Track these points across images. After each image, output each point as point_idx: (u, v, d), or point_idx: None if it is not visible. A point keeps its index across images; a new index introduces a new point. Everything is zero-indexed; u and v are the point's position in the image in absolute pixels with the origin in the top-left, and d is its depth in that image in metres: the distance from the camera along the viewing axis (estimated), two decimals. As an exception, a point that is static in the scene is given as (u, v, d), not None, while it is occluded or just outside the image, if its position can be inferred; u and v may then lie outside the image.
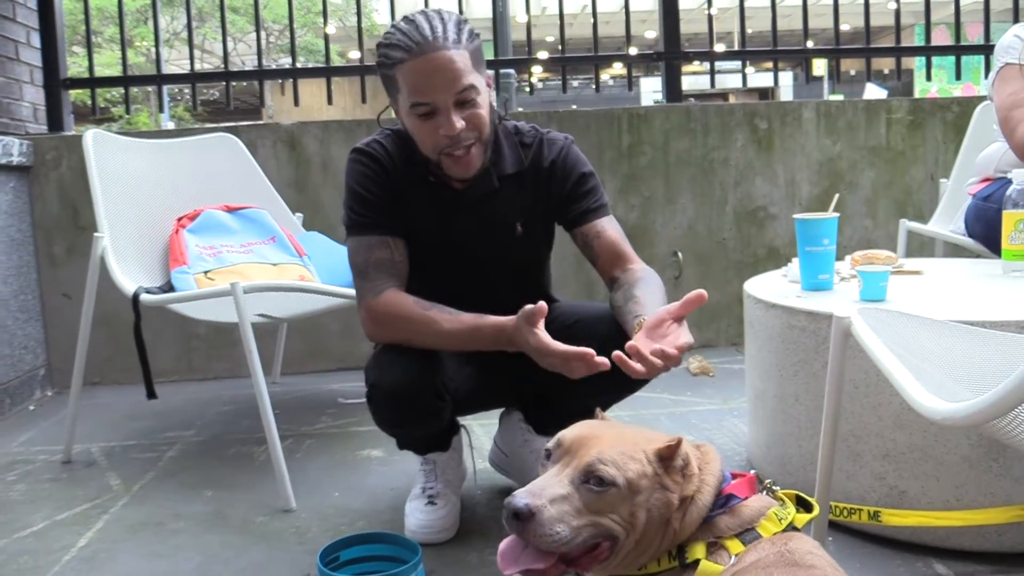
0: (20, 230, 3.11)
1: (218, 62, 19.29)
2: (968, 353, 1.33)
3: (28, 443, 2.60)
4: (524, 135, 1.79)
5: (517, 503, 1.11)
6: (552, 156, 1.77)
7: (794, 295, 1.90)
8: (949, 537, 1.61)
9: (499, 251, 1.78)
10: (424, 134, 1.63)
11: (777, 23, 3.74)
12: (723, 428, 2.44)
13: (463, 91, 1.59)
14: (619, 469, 1.14)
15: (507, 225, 1.77)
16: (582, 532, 1.13)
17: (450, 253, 1.77)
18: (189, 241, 2.39)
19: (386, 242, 1.69)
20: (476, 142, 1.64)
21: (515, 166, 1.76)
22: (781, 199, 3.47)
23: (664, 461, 1.18)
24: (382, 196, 1.70)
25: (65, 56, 3.53)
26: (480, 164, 1.67)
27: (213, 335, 3.28)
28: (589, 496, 1.14)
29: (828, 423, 1.46)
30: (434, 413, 1.68)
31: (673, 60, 3.55)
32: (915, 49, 4.10)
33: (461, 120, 1.60)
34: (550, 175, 1.77)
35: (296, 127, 3.31)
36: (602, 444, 1.18)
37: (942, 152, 3.51)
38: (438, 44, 1.57)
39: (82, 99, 3.57)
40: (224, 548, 1.80)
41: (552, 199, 1.78)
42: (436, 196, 1.74)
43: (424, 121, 1.61)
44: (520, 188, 1.77)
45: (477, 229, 1.75)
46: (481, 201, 1.74)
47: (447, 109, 1.59)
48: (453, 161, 1.64)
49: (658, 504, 1.15)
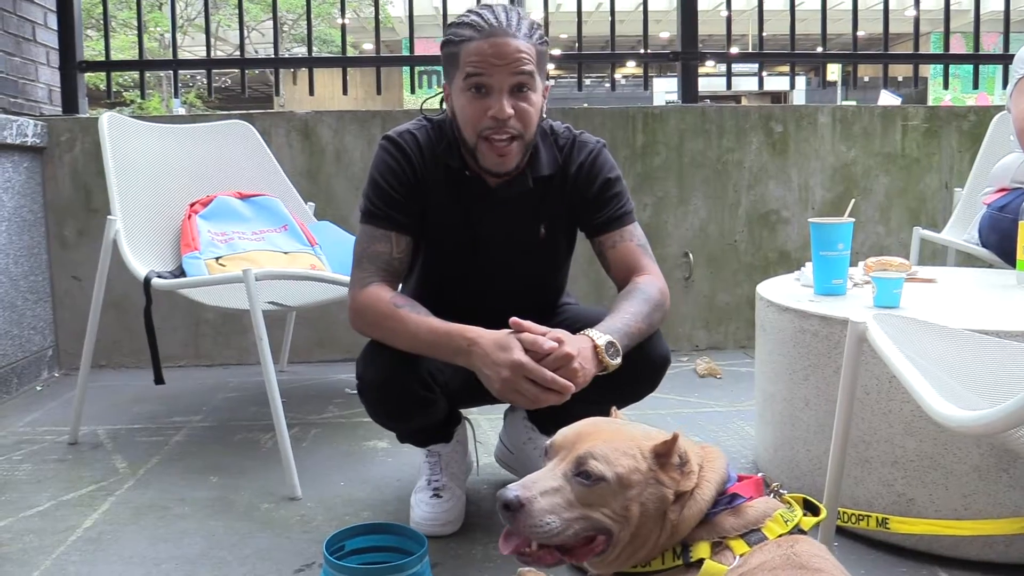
0: (32, 211, 3.11)
1: (231, 49, 19.32)
2: (983, 362, 1.32)
3: (35, 423, 2.60)
4: (559, 136, 1.78)
5: (508, 495, 1.14)
6: (580, 159, 1.75)
7: (807, 299, 1.89)
8: (956, 546, 1.60)
9: (519, 252, 1.77)
10: (471, 113, 1.61)
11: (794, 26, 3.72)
12: (730, 430, 2.43)
13: (521, 76, 1.59)
14: (609, 464, 1.16)
15: (532, 227, 1.75)
16: (573, 525, 1.15)
17: (470, 248, 1.76)
18: (201, 227, 2.39)
19: (388, 236, 1.68)
20: (519, 138, 1.62)
21: (551, 167, 1.73)
22: (794, 203, 3.46)
23: (660, 457, 1.19)
24: (400, 190, 1.69)
25: (82, 39, 3.54)
26: (516, 163, 1.65)
27: (221, 321, 3.29)
28: (580, 489, 1.16)
29: (839, 428, 1.45)
30: (424, 405, 1.67)
31: (690, 61, 3.53)
32: (933, 57, 4.08)
33: (511, 107, 1.59)
34: (576, 179, 1.75)
35: (311, 116, 3.30)
36: (596, 440, 1.20)
37: (957, 161, 3.50)
38: (509, 32, 1.58)
39: (94, 83, 3.56)
40: (229, 534, 1.80)
41: (576, 204, 1.76)
42: (466, 190, 1.72)
43: (475, 99, 1.60)
44: (549, 191, 1.75)
45: (501, 227, 1.74)
46: (511, 200, 1.72)
47: (501, 91, 1.59)
48: (491, 149, 1.62)
49: (652, 499, 1.17)
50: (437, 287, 1.79)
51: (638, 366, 1.70)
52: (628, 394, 1.73)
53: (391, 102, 18.47)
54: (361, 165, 3.26)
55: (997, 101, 13.24)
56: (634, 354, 1.67)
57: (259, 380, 2.00)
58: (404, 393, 1.63)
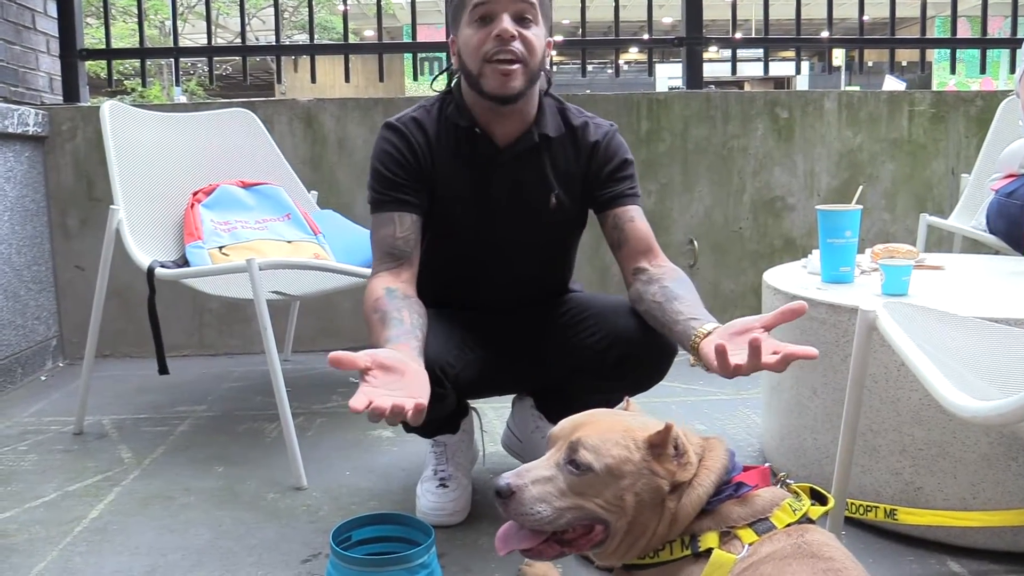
0: (34, 200, 3.10)
1: (231, 37, 19.21)
2: (994, 350, 1.31)
3: (39, 413, 2.60)
4: (569, 111, 1.78)
5: (499, 482, 1.18)
6: (597, 137, 1.76)
7: (814, 287, 1.88)
8: (964, 535, 1.60)
9: (531, 220, 1.75)
10: (476, 41, 1.62)
11: (800, 11, 3.69)
12: (736, 418, 2.43)
13: (523, 4, 1.61)
14: (598, 454, 1.17)
15: (543, 192, 1.74)
16: (565, 513, 1.17)
17: (483, 217, 1.74)
18: (204, 216, 2.38)
19: (392, 217, 1.69)
20: (523, 63, 1.62)
21: (556, 131, 1.74)
22: (800, 189, 3.44)
23: (654, 448, 1.19)
24: (400, 173, 1.69)
25: (82, 27, 3.51)
26: (521, 87, 1.63)
27: (225, 310, 3.28)
28: (571, 479, 1.18)
29: (848, 417, 1.44)
30: (434, 400, 1.66)
31: (695, 46, 3.51)
32: (940, 41, 4.05)
33: (514, 30, 1.60)
34: (592, 153, 1.75)
35: (313, 104, 3.29)
36: (589, 430, 1.21)
37: (963, 146, 3.47)
38: None
39: (94, 71, 3.54)
40: (235, 524, 1.80)
41: (591, 177, 1.76)
42: (476, 154, 1.72)
43: (479, 28, 1.61)
44: (561, 158, 1.75)
45: (514, 191, 1.73)
46: (522, 160, 1.72)
47: (503, 15, 1.60)
48: (495, 71, 1.61)
49: (646, 490, 1.17)
50: (445, 266, 1.78)
51: (646, 355, 1.69)
52: (636, 383, 1.72)
53: (393, 89, 18.42)
54: (364, 153, 3.25)
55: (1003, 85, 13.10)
56: (642, 343, 1.67)
57: (263, 369, 1.99)
58: None
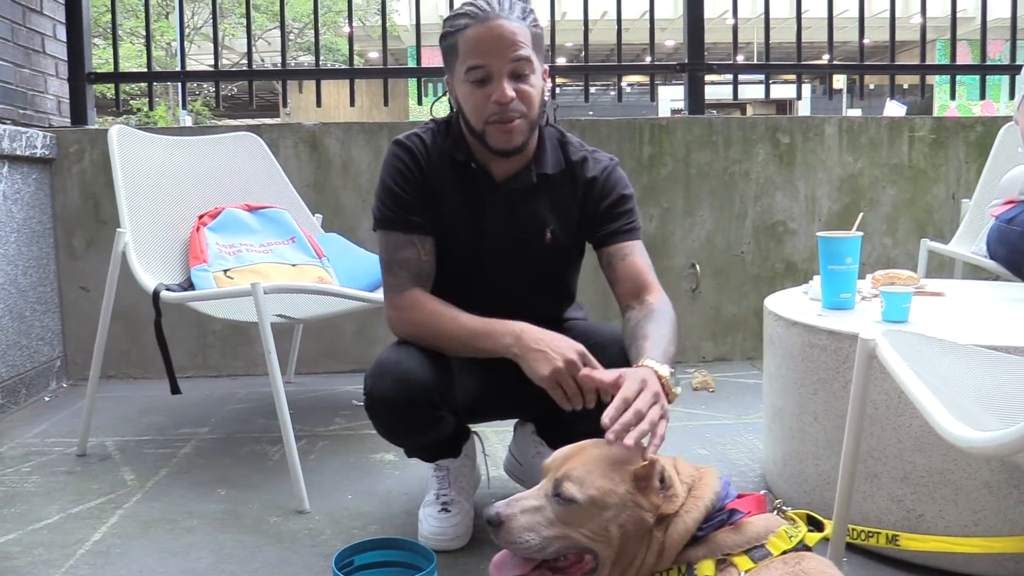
0: (41, 222, 3.12)
1: (236, 58, 19.35)
2: (995, 379, 1.32)
3: (43, 434, 2.61)
4: (571, 145, 1.80)
5: (489, 511, 1.23)
6: (595, 173, 1.77)
7: (815, 313, 1.89)
8: (966, 562, 1.60)
9: (524, 253, 1.77)
10: (475, 101, 1.65)
11: (800, 36, 3.73)
12: (738, 444, 2.43)
13: (518, 61, 1.62)
14: (582, 486, 1.21)
15: (538, 228, 1.76)
16: (553, 543, 1.21)
17: (477, 248, 1.76)
18: (209, 239, 2.40)
19: (412, 241, 1.71)
20: (523, 118, 1.65)
21: (555, 167, 1.76)
22: (801, 214, 3.45)
23: (640, 481, 1.22)
24: (410, 191, 1.72)
25: (90, 50, 3.55)
26: (522, 140, 1.67)
27: (229, 332, 3.29)
28: (558, 509, 1.22)
29: (849, 444, 1.45)
30: (431, 423, 1.68)
31: (697, 71, 3.54)
32: (940, 67, 4.08)
33: (512, 90, 1.62)
34: (589, 189, 1.77)
35: (318, 128, 3.31)
36: (576, 462, 1.24)
37: (964, 172, 3.50)
38: (502, 15, 1.62)
39: (101, 91, 3.57)
40: (237, 548, 1.80)
41: (587, 213, 1.78)
42: (473, 186, 1.74)
43: (477, 88, 1.64)
44: (558, 195, 1.77)
45: (508, 225, 1.75)
46: (517, 196, 1.74)
47: (500, 76, 1.62)
48: (497, 131, 1.64)
49: (631, 521, 1.20)
50: (442, 286, 1.80)
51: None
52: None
53: (397, 112, 18.52)
54: (368, 176, 3.27)
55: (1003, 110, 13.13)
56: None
57: (267, 391, 2.00)
58: (412, 410, 1.63)
